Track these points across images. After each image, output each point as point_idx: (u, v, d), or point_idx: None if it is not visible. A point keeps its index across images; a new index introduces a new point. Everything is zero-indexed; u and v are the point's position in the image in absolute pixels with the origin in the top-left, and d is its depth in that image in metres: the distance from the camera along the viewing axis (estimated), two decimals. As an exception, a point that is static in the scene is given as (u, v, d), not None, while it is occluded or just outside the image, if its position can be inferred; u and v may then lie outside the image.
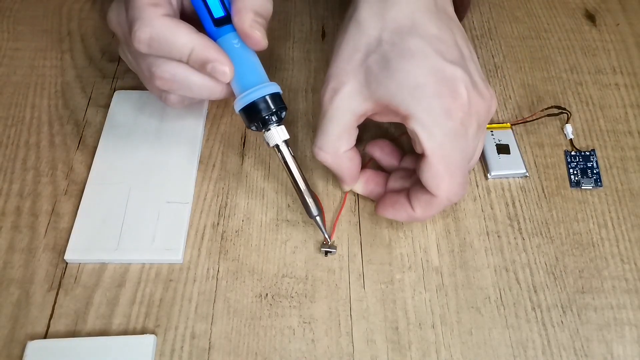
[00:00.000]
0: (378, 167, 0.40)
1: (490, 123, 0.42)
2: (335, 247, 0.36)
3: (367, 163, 0.40)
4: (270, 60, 0.46)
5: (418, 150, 0.33)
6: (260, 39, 0.34)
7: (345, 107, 0.34)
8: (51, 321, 0.34)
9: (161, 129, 0.41)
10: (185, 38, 0.32)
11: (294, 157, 0.35)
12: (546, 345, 0.33)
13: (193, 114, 0.42)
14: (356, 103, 0.34)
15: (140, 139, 0.40)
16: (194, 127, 0.41)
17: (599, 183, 0.39)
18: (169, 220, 0.37)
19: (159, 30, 0.32)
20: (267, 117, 0.34)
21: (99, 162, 0.39)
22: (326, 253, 0.36)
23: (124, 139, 0.40)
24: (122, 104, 0.42)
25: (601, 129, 0.42)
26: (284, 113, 0.35)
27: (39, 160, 0.40)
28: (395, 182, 0.37)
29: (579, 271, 0.36)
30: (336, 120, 0.34)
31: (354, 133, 0.35)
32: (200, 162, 0.40)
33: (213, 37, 0.34)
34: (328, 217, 0.38)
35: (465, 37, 0.35)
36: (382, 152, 0.39)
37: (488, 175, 0.40)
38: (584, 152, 0.41)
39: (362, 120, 0.35)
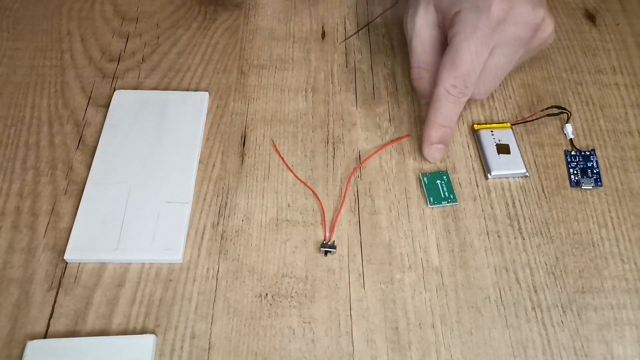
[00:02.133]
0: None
1: (490, 123, 0.42)
2: (335, 247, 0.36)
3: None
4: (270, 60, 0.46)
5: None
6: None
7: (422, 23, 0.39)
8: (51, 321, 0.34)
9: (161, 128, 0.41)
10: None
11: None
12: (546, 345, 0.33)
13: (193, 114, 0.42)
14: (430, 16, 0.39)
15: (140, 139, 0.40)
16: (194, 127, 0.41)
17: (599, 183, 0.39)
18: (169, 220, 0.37)
19: None
20: None
21: (98, 162, 0.39)
22: (326, 253, 0.36)
23: (124, 139, 0.40)
24: (122, 104, 0.42)
25: (601, 128, 0.42)
26: None
27: (39, 160, 0.40)
28: None
29: (579, 271, 0.36)
30: (419, 37, 0.39)
31: (438, 49, 0.39)
32: (200, 162, 0.40)
33: None
34: (328, 216, 0.38)
35: None
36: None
37: (488, 175, 0.40)
38: (584, 152, 0.41)
39: (439, 36, 0.39)
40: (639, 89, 0.45)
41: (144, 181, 0.38)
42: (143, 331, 0.33)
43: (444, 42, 0.39)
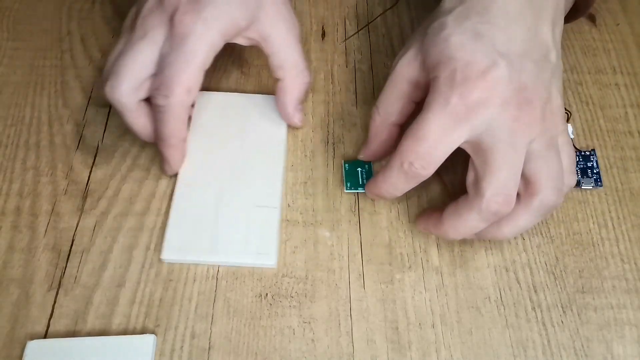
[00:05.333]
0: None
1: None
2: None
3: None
4: (270, 60, 0.46)
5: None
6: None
7: (401, 71, 0.35)
8: (51, 321, 0.34)
9: (245, 130, 0.40)
10: None
11: None
12: (546, 345, 0.33)
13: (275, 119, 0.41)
14: (411, 68, 0.34)
15: (227, 140, 0.40)
16: (277, 131, 0.41)
17: (599, 183, 0.39)
18: (259, 223, 0.36)
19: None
20: None
21: (188, 161, 0.38)
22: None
23: (210, 140, 0.40)
24: (206, 105, 0.41)
25: (601, 128, 0.42)
26: None
27: (39, 160, 0.40)
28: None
29: (579, 271, 0.36)
30: (392, 83, 0.35)
31: (407, 105, 0.35)
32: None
33: None
34: (328, 218, 0.38)
35: (546, 60, 0.33)
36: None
37: (488, 175, 0.39)
38: (584, 152, 0.41)
39: (417, 94, 0.35)
40: (639, 89, 0.45)
41: (233, 184, 0.38)
42: (143, 331, 0.33)
43: (414, 100, 0.35)
